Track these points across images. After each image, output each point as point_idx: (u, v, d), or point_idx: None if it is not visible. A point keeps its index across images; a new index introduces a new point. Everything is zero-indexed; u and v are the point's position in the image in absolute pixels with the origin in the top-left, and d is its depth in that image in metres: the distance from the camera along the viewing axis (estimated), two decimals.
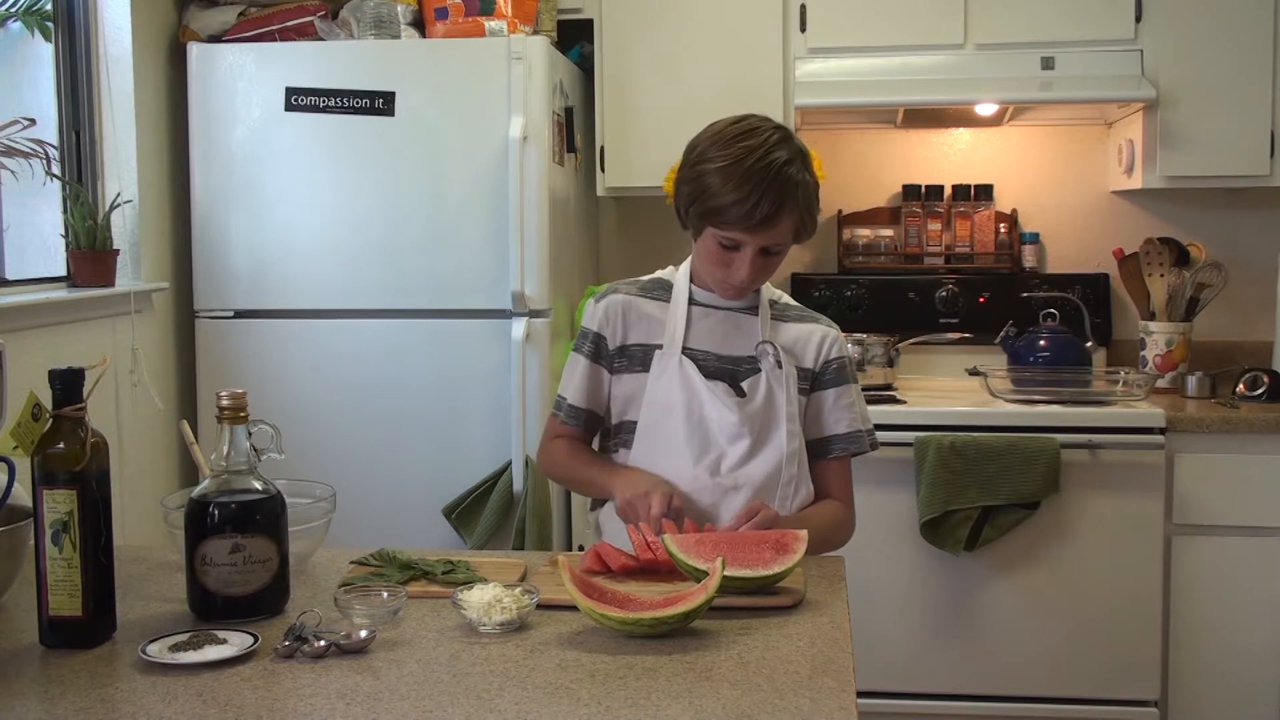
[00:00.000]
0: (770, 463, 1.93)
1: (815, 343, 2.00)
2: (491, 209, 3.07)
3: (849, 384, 2.01)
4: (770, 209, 1.82)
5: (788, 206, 1.84)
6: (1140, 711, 3.13)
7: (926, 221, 3.77)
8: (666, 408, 1.95)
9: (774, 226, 1.85)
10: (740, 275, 1.89)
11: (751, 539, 1.69)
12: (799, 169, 1.86)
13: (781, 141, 1.86)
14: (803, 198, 1.86)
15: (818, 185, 1.92)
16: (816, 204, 1.92)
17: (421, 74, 3.09)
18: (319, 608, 1.53)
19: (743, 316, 1.99)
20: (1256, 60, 3.30)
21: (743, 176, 1.82)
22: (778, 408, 1.93)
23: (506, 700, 1.29)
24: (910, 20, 3.41)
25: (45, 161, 2.64)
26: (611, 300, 2.03)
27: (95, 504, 1.48)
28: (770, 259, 1.91)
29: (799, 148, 1.89)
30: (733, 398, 1.93)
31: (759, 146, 1.84)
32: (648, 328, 2.00)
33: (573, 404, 2.04)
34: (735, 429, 1.92)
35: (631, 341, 2.01)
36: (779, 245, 1.89)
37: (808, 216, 1.88)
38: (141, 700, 1.30)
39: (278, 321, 3.17)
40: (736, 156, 1.84)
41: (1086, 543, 3.10)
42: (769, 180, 1.82)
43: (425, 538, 3.02)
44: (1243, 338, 3.64)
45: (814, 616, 1.57)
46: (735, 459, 1.92)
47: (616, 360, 2.02)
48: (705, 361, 1.96)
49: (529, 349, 3.06)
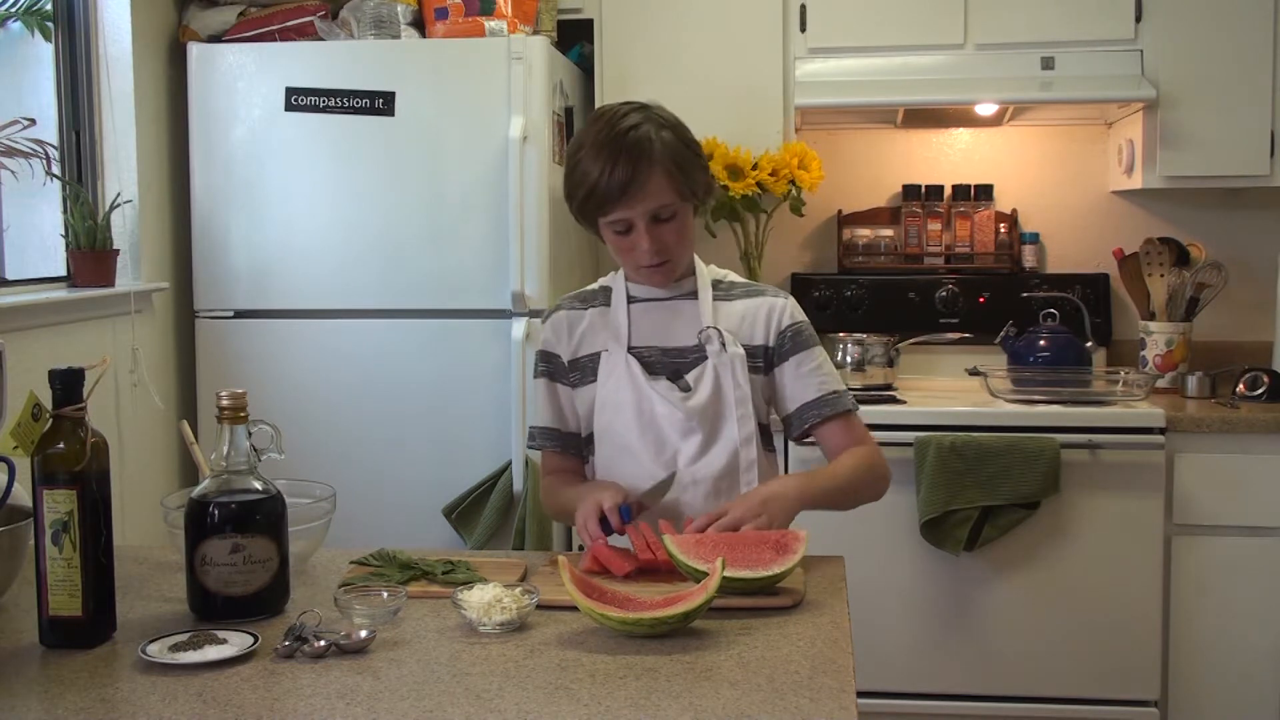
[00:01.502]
0: (726, 453, 1.92)
1: (764, 316, 1.97)
2: (491, 209, 3.07)
3: (807, 349, 1.96)
4: (627, 172, 1.82)
5: (643, 164, 1.83)
6: (1140, 711, 3.13)
7: (926, 221, 3.77)
8: (617, 409, 1.95)
9: (643, 189, 1.83)
10: (643, 251, 1.88)
11: (751, 539, 1.69)
12: (651, 128, 1.85)
13: (631, 112, 1.88)
14: (660, 152, 1.84)
15: (688, 140, 1.90)
16: (691, 155, 1.89)
17: (421, 74, 3.09)
18: (319, 608, 1.53)
19: (683, 304, 1.97)
20: (1256, 60, 3.30)
21: (593, 153, 1.84)
22: (725, 397, 1.92)
23: (506, 700, 1.29)
24: (910, 20, 3.41)
25: (45, 161, 2.64)
26: (555, 317, 2.04)
27: (95, 504, 1.48)
28: (666, 225, 1.88)
29: (656, 114, 1.89)
30: (676, 393, 1.93)
31: (605, 123, 1.87)
32: (594, 337, 2.00)
33: (542, 426, 2.04)
34: (684, 424, 1.92)
35: (582, 354, 2.00)
36: (665, 208, 1.87)
37: (677, 170, 1.85)
38: (141, 700, 1.30)
39: (278, 321, 3.17)
40: (588, 141, 1.87)
41: (1086, 543, 3.10)
42: (616, 145, 1.83)
43: (425, 538, 3.02)
44: (1243, 338, 3.64)
45: (814, 616, 1.57)
46: (690, 454, 1.92)
47: (571, 374, 2.01)
48: (651, 357, 1.95)
49: (529, 349, 3.06)
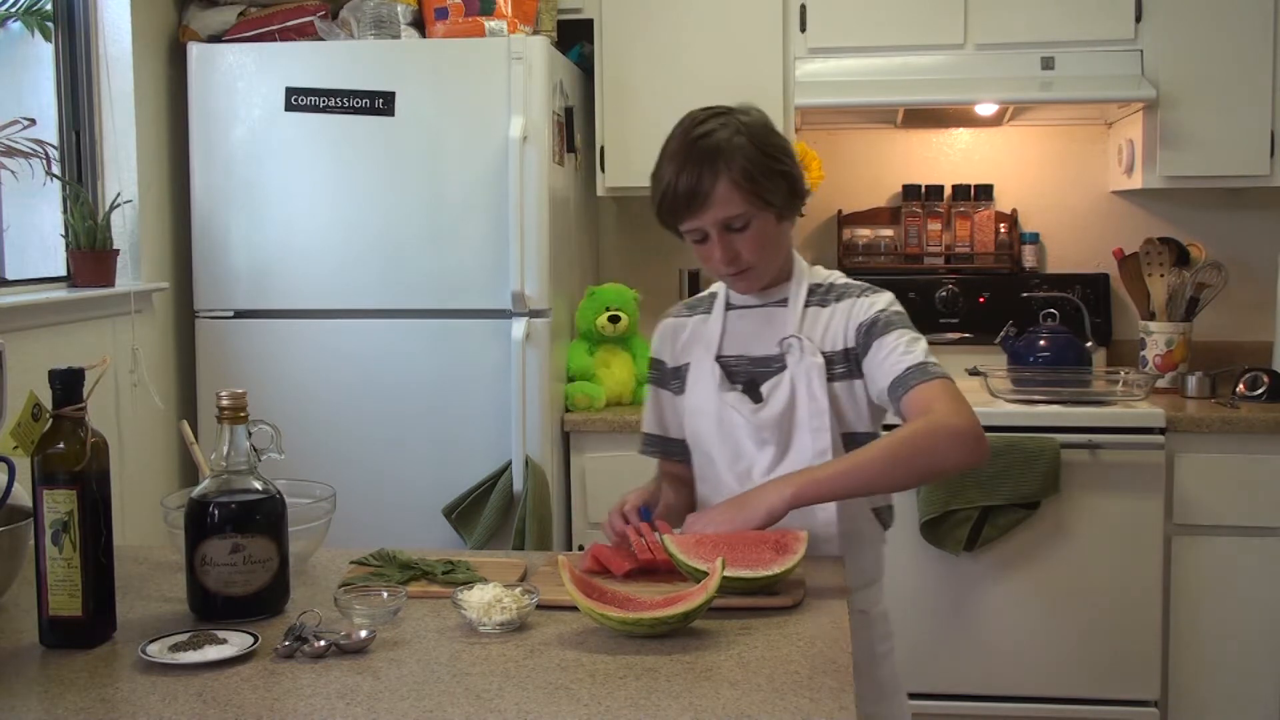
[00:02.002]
0: (798, 466, 1.86)
1: (845, 319, 1.89)
2: (491, 209, 3.07)
3: (881, 336, 1.84)
4: (691, 181, 1.79)
5: (708, 173, 1.79)
6: (1140, 711, 3.13)
7: (926, 221, 3.77)
8: (702, 417, 1.94)
9: (710, 198, 1.80)
10: (716, 260, 1.86)
11: (752, 539, 1.69)
12: (725, 134, 1.80)
13: (709, 118, 1.84)
14: (728, 162, 1.79)
15: (766, 147, 1.83)
16: (766, 161, 1.82)
17: (421, 74, 3.09)
18: (319, 608, 1.53)
19: (776, 311, 1.93)
20: (1256, 60, 3.30)
21: (668, 160, 1.83)
22: (799, 409, 1.87)
23: (506, 700, 1.29)
24: (910, 20, 3.41)
25: (45, 161, 2.64)
26: (663, 325, 2.05)
27: (95, 504, 1.48)
28: (739, 235, 1.84)
29: (736, 120, 1.83)
30: (747, 404, 1.90)
31: (683, 129, 1.84)
32: (693, 346, 1.99)
33: (645, 431, 2.07)
34: (758, 436, 1.89)
35: (681, 361, 2.00)
36: (736, 217, 1.82)
37: (745, 179, 1.80)
38: (141, 700, 1.30)
39: (278, 321, 3.17)
40: (668, 145, 1.85)
41: (1086, 543, 3.10)
42: (686, 154, 1.80)
43: (425, 538, 3.02)
44: (1243, 338, 3.64)
45: (814, 616, 1.57)
46: (764, 466, 1.89)
47: (672, 382, 2.02)
48: (737, 366, 1.93)
49: (529, 349, 3.06)
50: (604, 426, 3.25)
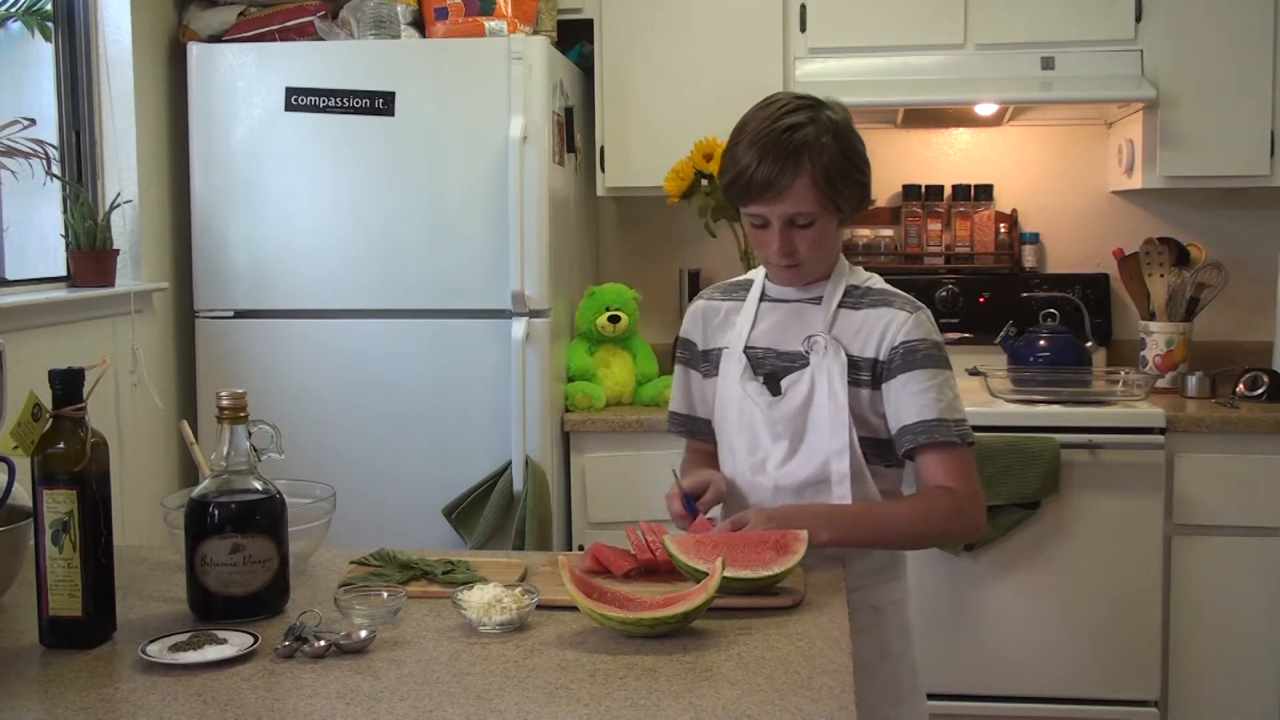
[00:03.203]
0: (812, 463, 1.87)
1: (880, 329, 1.87)
2: (491, 209, 3.07)
3: (917, 370, 1.83)
4: (771, 172, 1.77)
5: (790, 170, 1.77)
6: (1140, 711, 3.13)
7: (926, 221, 3.77)
8: (725, 406, 1.96)
9: (786, 192, 1.79)
10: (772, 250, 1.85)
11: (751, 539, 1.69)
12: (813, 132, 1.79)
13: (799, 109, 1.82)
14: (814, 159, 1.78)
15: (850, 151, 1.83)
16: (846, 168, 1.81)
17: (421, 74, 3.09)
18: (319, 608, 1.53)
19: (808, 308, 1.93)
20: (1256, 60, 3.30)
21: (749, 143, 1.81)
22: (817, 406, 1.87)
23: (506, 700, 1.29)
24: (910, 20, 3.41)
25: (45, 161, 2.64)
26: (694, 306, 2.05)
27: (95, 504, 1.48)
28: (802, 231, 1.83)
29: (825, 116, 1.82)
30: (765, 396, 1.91)
31: (771, 114, 1.82)
32: (725, 331, 1.99)
33: (672, 410, 2.08)
34: (773, 428, 1.90)
35: (712, 345, 2.00)
36: (804, 215, 1.81)
37: (824, 181, 1.79)
38: (141, 700, 1.30)
39: (278, 321, 3.16)
40: (750, 126, 1.83)
41: (1086, 543, 3.10)
42: (771, 145, 1.78)
43: (425, 538, 3.02)
44: (1243, 338, 3.65)
45: (814, 616, 1.57)
46: (777, 459, 1.90)
47: (702, 364, 2.02)
48: (763, 358, 1.93)
49: (529, 349, 3.06)
50: (604, 426, 3.25)
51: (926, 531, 1.90)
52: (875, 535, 1.85)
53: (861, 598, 1.88)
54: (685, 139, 3.38)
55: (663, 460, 3.21)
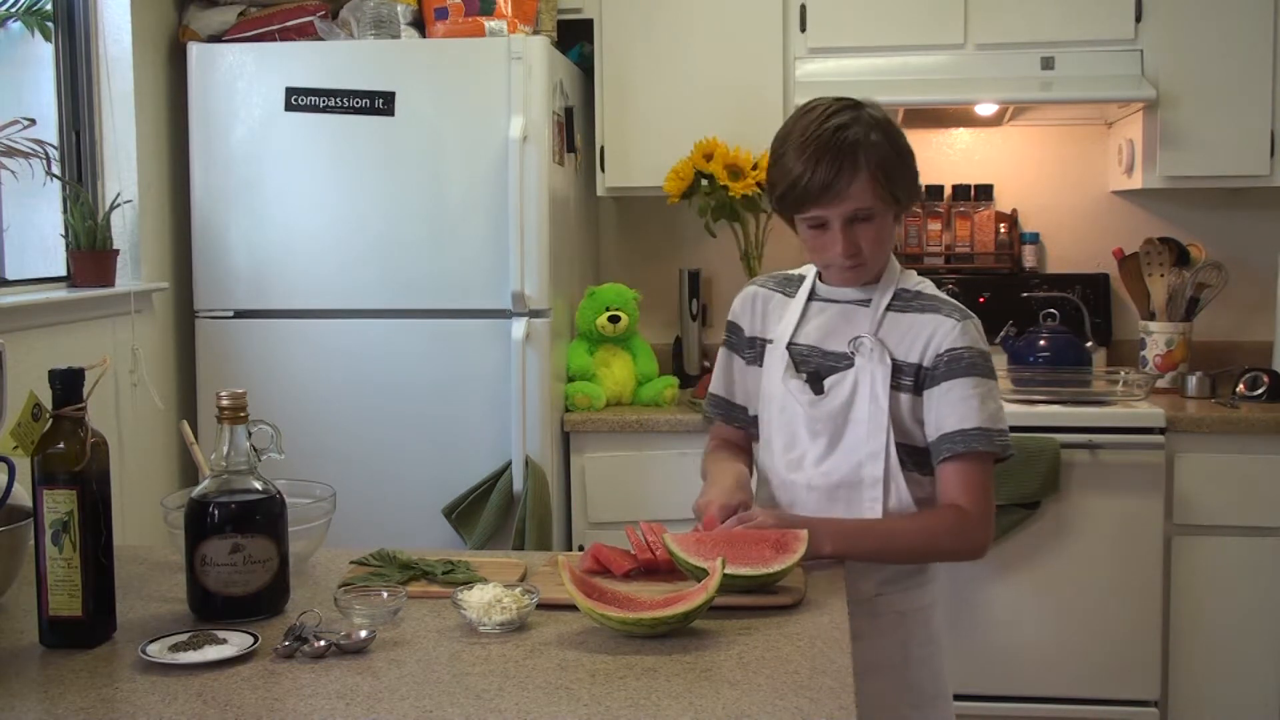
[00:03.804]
0: (847, 464, 1.88)
1: (926, 335, 1.87)
2: (491, 209, 3.07)
3: (960, 378, 1.84)
4: (829, 173, 1.79)
5: (847, 167, 1.79)
6: (1140, 711, 3.13)
7: (926, 221, 3.77)
8: (768, 401, 1.96)
9: (845, 191, 1.81)
10: (835, 251, 1.86)
11: (752, 537, 1.69)
12: (861, 130, 1.81)
13: (842, 110, 1.84)
14: (867, 156, 1.80)
15: (898, 145, 1.85)
16: (900, 161, 1.85)
17: (421, 74, 3.09)
18: (319, 608, 1.53)
19: (857, 310, 1.93)
20: (1256, 60, 3.30)
21: (798, 150, 1.82)
22: (857, 406, 1.87)
23: (506, 700, 1.29)
24: (910, 20, 3.41)
25: (45, 161, 2.64)
26: (746, 292, 2.06)
27: (95, 504, 1.48)
28: (864, 227, 1.85)
29: (868, 115, 1.84)
30: (807, 394, 1.91)
31: (815, 119, 1.83)
32: (775, 323, 2.00)
33: (712, 392, 2.08)
34: (813, 426, 1.90)
35: (757, 334, 2.02)
36: (864, 210, 1.83)
37: (882, 175, 1.81)
38: (141, 700, 1.30)
39: (278, 321, 3.17)
40: (794, 136, 1.84)
41: (1086, 543, 3.10)
42: (823, 146, 1.80)
43: (425, 538, 3.02)
44: (1243, 338, 3.65)
45: (814, 616, 1.57)
46: (814, 457, 1.90)
47: (747, 351, 2.03)
48: (809, 356, 1.94)
49: (529, 349, 3.06)
50: (604, 426, 3.25)
51: (930, 549, 1.89)
52: (877, 550, 1.85)
53: (888, 602, 1.90)
54: (685, 139, 3.38)
55: (663, 460, 3.23)
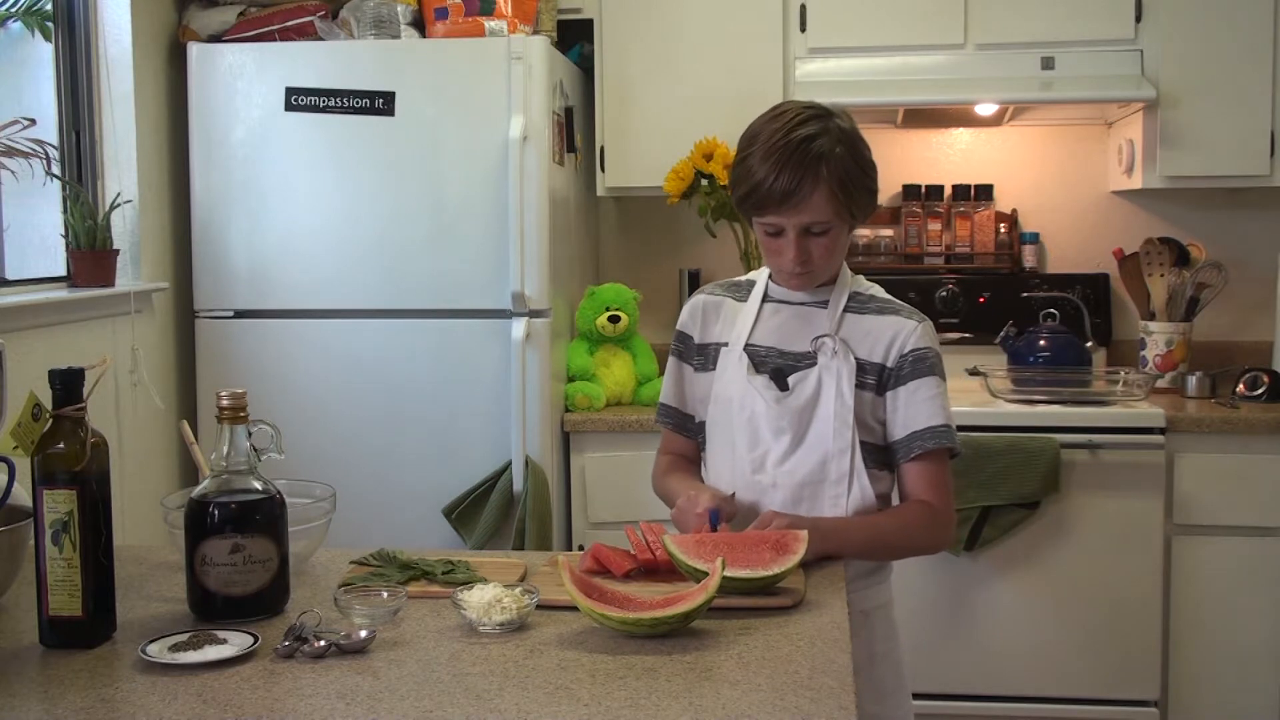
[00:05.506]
0: (811, 460, 1.89)
1: (889, 336, 1.91)
2: (491, 209, 3.07)
3: (925, 377, 1.89)
4: (790, 183, 1.80)
5: (809, 180, 1.80)
6: (1140, 711, 3.13)
7: (926, 221, 3.77)
8: (725, 403, 1.96)
9: (803, 202, 1.81)
10: (787, 259, 1.87)
11: (751, 539, 1.69)
12: (827, 142, 1.81)
13: (810, 120, 1.84)
14: (830, 170, 1.80)
15: (861, 160, 1.86)
16: (860, 176, 1.85)
17: (421, 74, 3.09)
18: (319, 608, 1.53)
19: (813, 311, 1.95)
20: (1256, 60, 3.30)
21: (763, 156, 1.82)
22: (823, 403, 1.89)
23: (506, 700, 1.29)
24: (910, 20, 3.41)
25: (45, 161, 2.64)
26: (695, 300, 2.06)
27: (95, 504, 1.48)
28: (817, 240, 1.86)
29: (835, 126, 1.84)
30: (772, 390, 1.91)
31: (782, 126, 1.83)
32: (724, 327, 2.00)
33: (662, 402, 2.08)
34: (776, 424, 1.90)
35: (709, 340, 2.01)
36: (820, 224, 1.84)
37: (841, 191, 1.82)
38: (141, 700, 1.30)
39: (278, 321, 3.17)
40: (761, 139, 1.84)
41: (1086, 543, 3.10)
42: (788, 155, 1.80)
43: (425, 538, 3.02)
44: (1243, 338, 3.65)
45: (814, 616, 1.57)
46: (778, 455, 1.91)
47: (695, 358, 2.03)
48: (766, 357, 1.94)
49: (529, 349, 3.06)
50: (604, 426, 3.25)
51: (907, 545, 1.94)
52: (863, 547, 1.88)
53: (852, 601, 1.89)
54: (685, 139, 3.38)
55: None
